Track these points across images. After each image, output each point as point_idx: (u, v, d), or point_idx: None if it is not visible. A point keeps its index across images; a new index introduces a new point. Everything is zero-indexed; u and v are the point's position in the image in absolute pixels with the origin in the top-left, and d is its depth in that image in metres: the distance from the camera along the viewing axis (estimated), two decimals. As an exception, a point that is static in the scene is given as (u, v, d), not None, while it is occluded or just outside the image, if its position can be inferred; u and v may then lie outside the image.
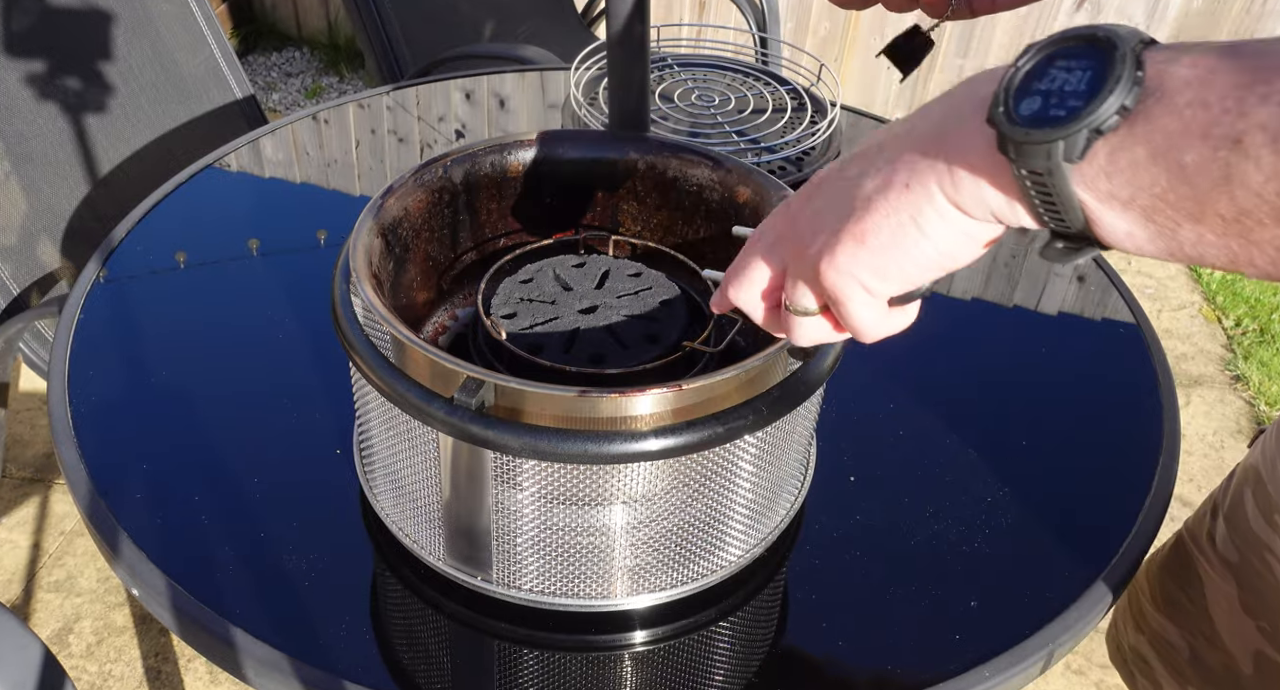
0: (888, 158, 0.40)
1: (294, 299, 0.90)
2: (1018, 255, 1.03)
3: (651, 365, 0.60)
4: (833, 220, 0.41)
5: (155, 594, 0.65)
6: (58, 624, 1.46)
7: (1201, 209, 0.31)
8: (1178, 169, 0.31)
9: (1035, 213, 0.36)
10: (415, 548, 0.67)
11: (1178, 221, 0.32)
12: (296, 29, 2.93)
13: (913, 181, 0.38)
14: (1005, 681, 0.64)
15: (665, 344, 0.62)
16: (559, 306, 0.65)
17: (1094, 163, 0.33)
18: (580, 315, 0.64)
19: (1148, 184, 0.32)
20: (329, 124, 1.17)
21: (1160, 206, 0.32)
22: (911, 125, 0.39)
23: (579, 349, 0.62)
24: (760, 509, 0.66)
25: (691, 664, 0.64)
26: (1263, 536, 0.73)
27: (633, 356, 0.61)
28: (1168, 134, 0.31)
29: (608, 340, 0.63)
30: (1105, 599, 0.68)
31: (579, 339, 0.63)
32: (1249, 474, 0.76)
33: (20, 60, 1.23)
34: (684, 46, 1.28)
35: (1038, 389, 0.87)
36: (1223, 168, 0.30)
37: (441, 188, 0.68)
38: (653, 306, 0.65)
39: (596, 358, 0.61)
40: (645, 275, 0.68)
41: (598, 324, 0.64)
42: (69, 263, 1.26)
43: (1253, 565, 0.75)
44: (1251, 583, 0.75)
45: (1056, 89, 0.33)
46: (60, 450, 0.74)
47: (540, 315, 0.64)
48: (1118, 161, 0.32)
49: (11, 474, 1.66)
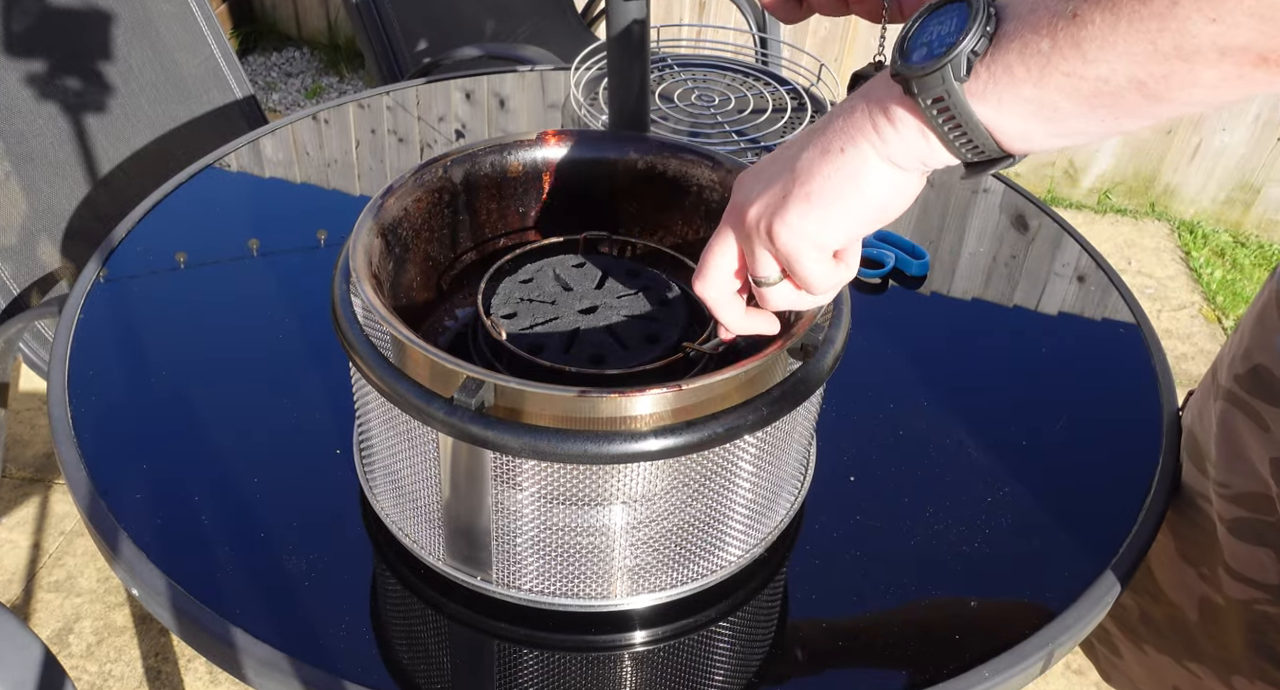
0: (819, 131, 0.47)
1: (294, 299, 0.90)
2: (1018, 255, 1.03)
3: (651, 366, 0.60)
4: (779, 189, 0.48)
5: (155, 594, 0.65)
6: (58, 624, 1.46)
7: (1073, 84, 0.39)
8: (1041, 58, 0.39)
9: (948, 142, 0.43)
10: (415, 548, 0.67)
11: (1056, 105, 0.40)
12: (296, 29, 2.93)
13: (846, 146, 0.46)
14: (1005, 681, 0.64)
15: (665, 344, 0.62)
16: (559, 307, 0.65)
17: (978, 79, 0.41)
18: (580, 315, 0.64)
19: (1025, 79, 0.40)
20: (329, 124, 1.17)
21: (1043, 96, 0.40)
22: (835, 109, 0.47)
23: (579, 349, 0.62)
24: (760, 509, 0.66)
25: (691, 664, 0.64)
26: (1195, 485, 0.78)
27: (633, 357, 0.61)
28: (1023, 37, 0.40)
29: (608, 341, 0.63)
30: (1105, 599, 0.68)
31: (579, 339, 0.63)
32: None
33: (20, 60, 1.23)
34: (684, 46, 1.28)
35: (1038, 389, 0.87)
36: (1072, 41, 0.38)
37: (441, 188, 0.68)
38: (652, 307, 0.65)
39: (596, 358, 0.61)
40: (644, 275, 0.68)
41: (597, 324, 0.63)
42: (69, 263, 1.26)
43: (1187, 515, 0.79)
44: (1188, 532, 0.79)
45: (935, 38, 0.42)
46: (60, 450, 0.74)
47: (540, 315, 0.64)
48: (995, 72, 0.41)
49: (11, 474, 1.66)
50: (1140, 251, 2.34)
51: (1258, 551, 0.73)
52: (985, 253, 1.03)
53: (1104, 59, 0.38)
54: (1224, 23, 0.35)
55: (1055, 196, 2.49)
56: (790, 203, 0.47)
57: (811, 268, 0.49)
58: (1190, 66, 0.36)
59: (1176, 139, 2.34)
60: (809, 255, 0.48)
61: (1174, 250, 2.36)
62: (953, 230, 1.06)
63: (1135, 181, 2.44)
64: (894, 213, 0.48)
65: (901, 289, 0.97)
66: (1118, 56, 0.37)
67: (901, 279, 0.98)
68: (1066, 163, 2.45)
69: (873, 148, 0.45)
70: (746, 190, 0.50)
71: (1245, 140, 2.29)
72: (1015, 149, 0.43)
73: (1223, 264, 2.31)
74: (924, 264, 0.98)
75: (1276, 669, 0.73)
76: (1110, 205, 2.47)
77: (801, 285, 0.51)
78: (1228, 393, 0.74)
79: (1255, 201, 2.38)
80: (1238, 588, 0.75)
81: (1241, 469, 0.73)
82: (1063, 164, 2.45)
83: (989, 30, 0.40)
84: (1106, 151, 2.41)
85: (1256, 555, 0.73)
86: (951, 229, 1.06)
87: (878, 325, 0.92)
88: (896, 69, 0.43)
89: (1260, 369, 0.71)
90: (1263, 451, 0.71)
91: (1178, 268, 2.30)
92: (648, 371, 0.60)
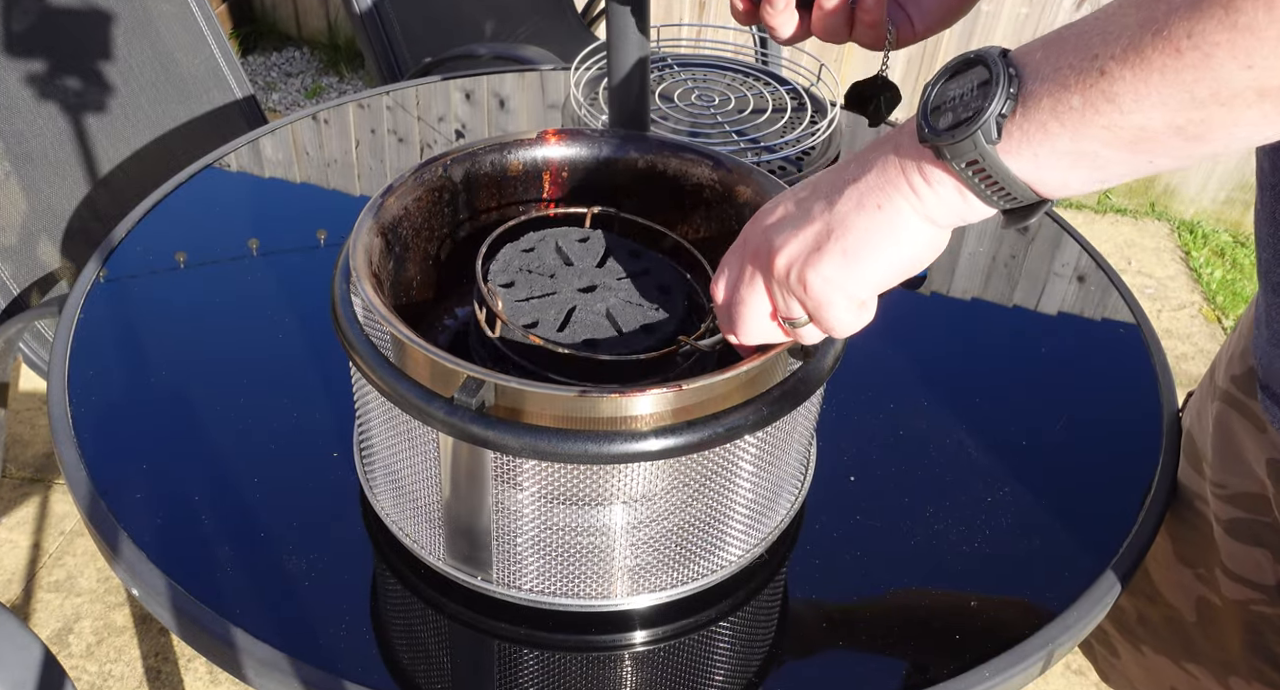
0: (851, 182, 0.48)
1: (294, 299, 0.90)
2: (1017, 255, 1.03)
3: (644, 357, 0.60)
4: (810, 239, 0.49)
5: (155, 594, 0.65)
6: (58, 624, 1.46)
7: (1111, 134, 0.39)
8: (1075, 114, 0.40)
9: (985, 197, 0.44)
10: (415, 548, 0.67)
11: (1096, 153, 0.40)
12: (296, 29, 2.93)
13: (884, 203, 0.46)
14: (1005, 681, 0.64)
15: (660, 336, 0.61)
16: (558, 281, 0.64)
17: (1010, 138, 0.42)
18: (578, 293, 0.63)
19: (1060, 134, 0.40)
20: (329, 124, 1.17)
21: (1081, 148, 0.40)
22: (864, 158, 0.48)
23: (573, 329, 0.61)
24: (760, 509, 0.66)
25: (691, 664, 0.64)
26: (1192, 486, 0.78)
27: (626, 344, 0.60)
28: (1053, 95, 0.40)
29: (603, 324, 0.62)
30: (1105, 599, 0.68)
31: (574, 318, 0.62)
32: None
33: (20, 60, 1.23)
34: (684, 46, 1.28)
35: (1038, 389, 0.87)
36: (1105, 96, 0.38)
37: (442, 187, 0.68)
38: (652, 292, 0.64)
39: (590, 341, 0.60)
40: (647, 257, 0.67)
41: (595, 305, 0.63)
42: (69, 263, 1.26)
43: (1184, 516, 0.79)
44: (1184, 533, 0.79)
45: (958, 102, 0.43)
46: (60, 450, 0.74)
47: (538, 288, 0.63)
48: (1028, 130, 0.41)
49: (11, 474, 1.66)
50: (1140, 251, 2.34)
51: (1254, 552, 0.73)
52: (985, 253, 1.03)
53: (1140, 110, 0.38)
54: (1260, 67, 0.35)
55: (1055, 196, 2.48)
56: (825, 255, 0.48)
57: (840, 316, 0.50)
58: (1229, 110, 0.36)
59: (1176, 139, 2.34)
60: (840, 305, 0.49)
61: (1174, 250, 2.36)
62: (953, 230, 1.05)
63: (1135, 181, 2.44)
64: (924, 265, 0.49)
65: (901, 289, 0.97)
66: (1153, 107, 0.37)
67: (901, 279, 0.98)
68: (1066, 163, 2.45)
69: (910, 206, 0.46)
70: (770, 236, 0.50)
71: (1245, 140, 2.29)
72: (1055, 196, 0.44)
73: (1223, 264, 2.31)
74: (924, 264, 0.97)
75: (1273, 669, 0.73)
76: (1110, 205, 2.47)
77: (825, 329, 0.52)
78: (1225, 394, 0.74)
79: (1255, 201, 2.38)
80: (1235, 588, 0.75)
81: (1238, 470, 0.73)
82: (1063, 164, 2.45)
83: (1012, 92, 0.41)
84: (1106, 151, 2.40)
85: (1253, 556, 0.73)
86: (951, 229, 1.06)
87: (878, 325, 0.92)
88: (925, 137, 0.43)
89: (1257, 370, 0.71)
90: (1259, 452, 0.70)
91: (1178, 268, 2.30)
92: (644, 365, 0.60)
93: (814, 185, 0.50)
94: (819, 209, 0.48)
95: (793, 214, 0.50)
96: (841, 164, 0.49)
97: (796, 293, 0.50)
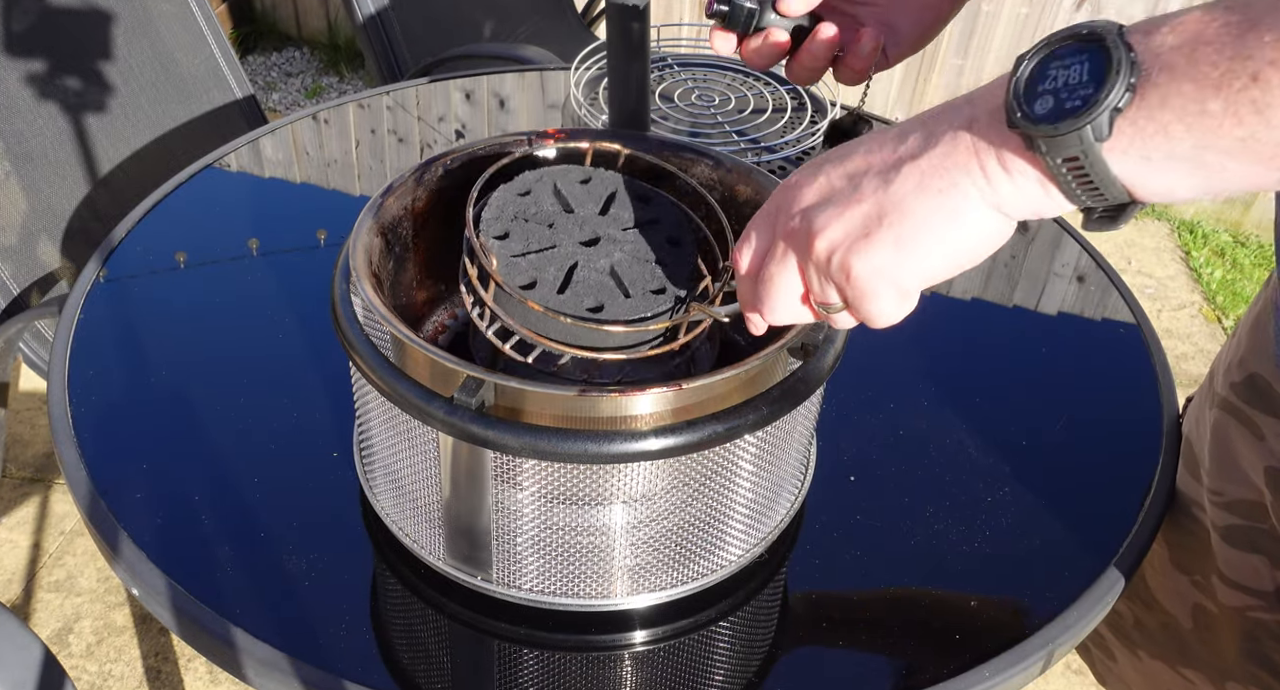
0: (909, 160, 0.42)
1: (294, 299, 0.90)
2: (1017, 255, 1.03)
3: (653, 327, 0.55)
4: (858, 221, 0.43)
5: (155, 594, 0.65)
6: (58, 624, 1.46)
7: (1247, 147, 0.34)
8: (1211, 119, 0.34)
9: (1071, 194, 0.39)
10: (415, 548, 0.67)
11: (1223, 165, 0.35)
12: (296, 29, 2.93)
13: (947, 187, 0.41)
14: (1005, 681, 0.64)
15: (673, 298, 0.56)
16: (557, 231, 0.58)
17: (1122, 135, 0.36)
18: (580, 247, 0.57)
19: (1183, 138, 0.35)
20: (329, 124, 1.17)
21: (1206, 157, 0.35)
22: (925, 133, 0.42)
23: (576, 290, 0.56)
24: (760, 509, 0.66)
25: (691, 664, 0.64)
26: (1189, 492, 0.78)
27: (634, 308, 0.55)
28: (1183, 94, 0.35)
29: (608, 285, 0.56)
30: (1105, 599, 0.68)
31: (576, 277, 0.56)
32: None
33: (20, 60, 1.23)
34: (684, 46, 1.28)
35: (1038, 388, 0.87)
36: (1254, 106, 0.33)
37: (442, 187, 0.68)
38: (661, 246, 0.58)
39: (594, 305, 0.55)
40: (656, 203, 0.61)
41: (598, 261, 0.57)
42: (69, 263, 1.26)
43: (1180, 523, 0.78)
44: (1181, 540, 0.79)
45: (1062, 86, 0.37)
46: (60, 450, 0.74)
47: (535, 240, 0.57)
48: (1144, 129, 0.36)
49: (11, 474, 1.66)
50: (1140, 251, 2.34)
51: (1251, 559, 0.72)
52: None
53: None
54: None
55: (1055, 196, 2.49)
56: (875, 243, 0.42)
57: (883, 308, 0.45)
58: None
59: (1176, 139, 2.34)
60: (885, 297, 0.44)
61: (1174, 250, 2.36)
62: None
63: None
64: (981, 258, 0.43)
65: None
66: None
67: (901, 279, 0.97)
68: (1066, 163, 2.45)
69: (979, 192, 0.41)
70: (810, 215, 0.45)
71: (1245, 140, 2.29)
72: (1153, 201, 0.39)
73: (1223, 264, 2.31)
74: (924, 264, 0.97)
75: (1270, 675, 0.73)
76: (1110, 205, 2.47)
77: (862, 319, 0.46)
78: (1223, 401, 0.74)
79: (1255, 201, 2.38)
80: (1232, 595, 0.75)
81: (1235, 477, 0.72)
82: (1063, 164, 2.45)
83: (1132, 82, 0.36)
84: (1106, 151, 2.40)
85: (1250, 562, 0.72)
86: (951, 229, 1.06)
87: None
88: (1015, 122, 0.38)
89: (1256, 378, 0.70)
90: (1256, 460, 0.70)
91: (1178, 267, 2.30)
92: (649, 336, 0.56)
93: (864, 155, 0.44)
94: (870, 187, 0.43)
95: (838, 190, 0.44)
96: (897, 132, 0.43)
97: (837, 280, 0.44)
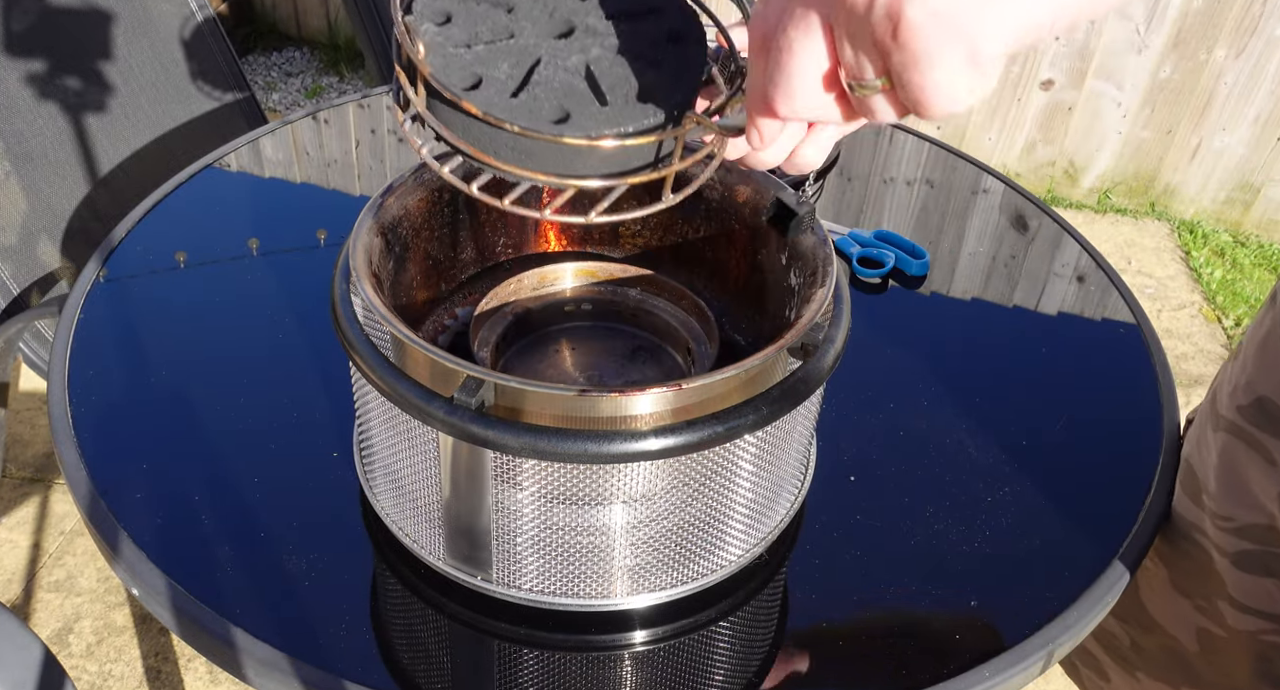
0: None
1: (294, 299, 0.90)
2: (1017, 255, 1.03)
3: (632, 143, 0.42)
4: None
5: (155, 594, 0.65)
6: (58, 624, 1.46)
7: None
8: None
9: None
10: (415, 548, 0.67)
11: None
12: (296, 29, 2.93)
13: None
14: (1005, 681, 0.64)
15: (661, 108, 0.43)
16: (518, 18, 0.44)
17: None
18: (549, 39, 0.44)
19: None
20: (329, 124, 1.17)
21: None
22: None
23: (536, 93, 0.42)
24: (760, 509, 0.66)
25: (691, 664, 0.64)
26: (1190, 517, 0.76)
27: (610, 119, 0.42)
28: None
29: (578, 88, 0.43)
30: (1105, 599, 0.68)
31: (536, 77, 0.43)
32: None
33: (20, 60, 1.23)
34: None
35: (1038, 388, 0.87)
36: None
37: (441, 187, 0.68)
38: (655, 42, 0.45)
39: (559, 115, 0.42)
40: None
41: (569, 58, 0.44)
42: (69, 263, 1.26)
43: (1180, 546, 0.77)
44: (1180, 563, 0.77)
45: None
46: (60, 450, 0.74)
47: (488, 28, 0.44)
48: None
49: (11, 474, 1.66)
50: (1140, 251, 2.34)
51: (1264, 583, 0.71)
52: (985, 252, 1.03)
53: None
54: None
55: (1055, 196, 2.49)
56: None
57: (945, 79, 0.32)
58: None
59: (1176, 139, 2.34)
60: (948, 60, 0.32)
61: (1174, 250, 2.36)
62: (953, 230, 1.06)
63: (1135, 181, 2.44)
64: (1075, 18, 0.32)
65: (901, 289, 0.97)
66: None
67: (902, 279, 0.98)
68: (1066, 162, 2.45)
69: None
70: None
71: (1245, 140, 2.29)
72: None
73: (1223, 264, 2.31)
74: (924, 264, 0.98)
75: None
76: (1110, 205, 2.47)
77: (913, 99, 0.34)
78: (1230, 424, 0.72)
79: (1255, 201, 2.38)
80: (1244, 619, 0.73)
81: (1245, 502, 0.71)
82: (1063, 164, 2.45)
83: None
84: (1107, 151, 2.41)
85: (1263, 586, 0.71)
86: (951, 229, 1.06)
87: (878, 325, 0.92)
88: None
89: (1265, 401, 0.69)
90: (1269, 485, 0.68)
91: (1178, 268, 2.30)
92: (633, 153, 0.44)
93: None
94: None
95: None
96: None
97: (880, 36, 0.33)
